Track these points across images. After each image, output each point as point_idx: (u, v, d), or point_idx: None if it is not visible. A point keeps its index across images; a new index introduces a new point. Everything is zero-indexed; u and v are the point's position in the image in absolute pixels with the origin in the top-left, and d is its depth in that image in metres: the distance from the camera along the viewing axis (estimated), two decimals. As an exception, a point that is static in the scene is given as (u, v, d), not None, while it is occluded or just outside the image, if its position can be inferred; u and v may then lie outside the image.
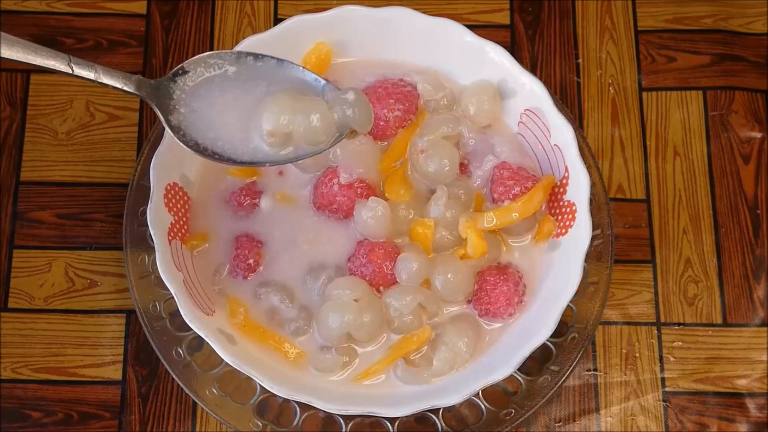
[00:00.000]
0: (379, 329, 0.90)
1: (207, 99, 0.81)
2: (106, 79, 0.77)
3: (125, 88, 0.78)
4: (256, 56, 0.83)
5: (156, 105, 0.79)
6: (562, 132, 0.91)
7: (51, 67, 0.75)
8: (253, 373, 0.84)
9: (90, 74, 0.76)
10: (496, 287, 0.90)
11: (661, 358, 0.99)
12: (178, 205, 0.91)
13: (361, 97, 0.81)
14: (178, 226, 0.90)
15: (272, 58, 0.83)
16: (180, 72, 0.81)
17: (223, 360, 0.84)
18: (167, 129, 0.80)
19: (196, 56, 0.81)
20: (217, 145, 0.80)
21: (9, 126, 1.04)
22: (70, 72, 0.75)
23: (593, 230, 0.88)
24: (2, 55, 0.73)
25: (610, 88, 1.08)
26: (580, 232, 0.88)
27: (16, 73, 1.05)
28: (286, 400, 0.91)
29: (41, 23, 1.07)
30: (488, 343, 0.91)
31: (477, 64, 0.95)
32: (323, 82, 0.83)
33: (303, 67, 0.84)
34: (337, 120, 0.81)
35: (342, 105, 0.81)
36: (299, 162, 0.90)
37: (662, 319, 1.00)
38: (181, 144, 0.80)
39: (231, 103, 0.81)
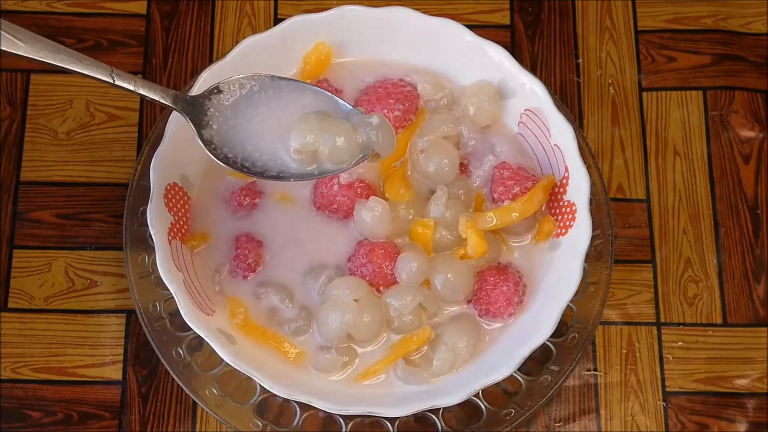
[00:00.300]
0: (379, 329, 0.90)
1: (240, 117, 0.84)
2: (144, 91, 0.81)
3: (163, 101, 0.82)
4: (288, 80, 0.86)
5: (190, 119, 0.83)
6: (562, 132, 0.91)
7: (94, 75, 0.78)
8: (253, 373, 0.84)
9: (130, 86, 0.80)
10: (496, 287, 0.90)
11: (661, 358, 0.99)
12: (178, 205, 0.91)
13: (384, 122, 0.85)
14: (178, 226, 0.90)
15: (303, 83, 0.87)
16: (215, 91, 0.84)
17: (223, 360, 0.84)
18: (199, 143, 0.83)
19: (232, 77, 0.85)
20: (247, 159, 0.84)
21: (9, 126, 1.04)
22: (111, 82, 0.79)
23: (593, 230, 0.88)
24: (49, 62, 0.77)
25: (610, 88, 1.08)
26: (580, 232, 0.88)
27: (16, 73, 1.05)
28: (286, 400, 0.91)
29: (41, 23, 1.07)
30: (488, 343, 0.91)
31: (477, 64, 0.95)
32: (350, 107, 0.86)
33: (330, 94, 0.87)
34: (361, 142, 0.85)
35: (366, 128, 0.84)
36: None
37: (662, 319, 1.00)
38: (212, 156, 0.83)
39: (262, 121, 0.85)
